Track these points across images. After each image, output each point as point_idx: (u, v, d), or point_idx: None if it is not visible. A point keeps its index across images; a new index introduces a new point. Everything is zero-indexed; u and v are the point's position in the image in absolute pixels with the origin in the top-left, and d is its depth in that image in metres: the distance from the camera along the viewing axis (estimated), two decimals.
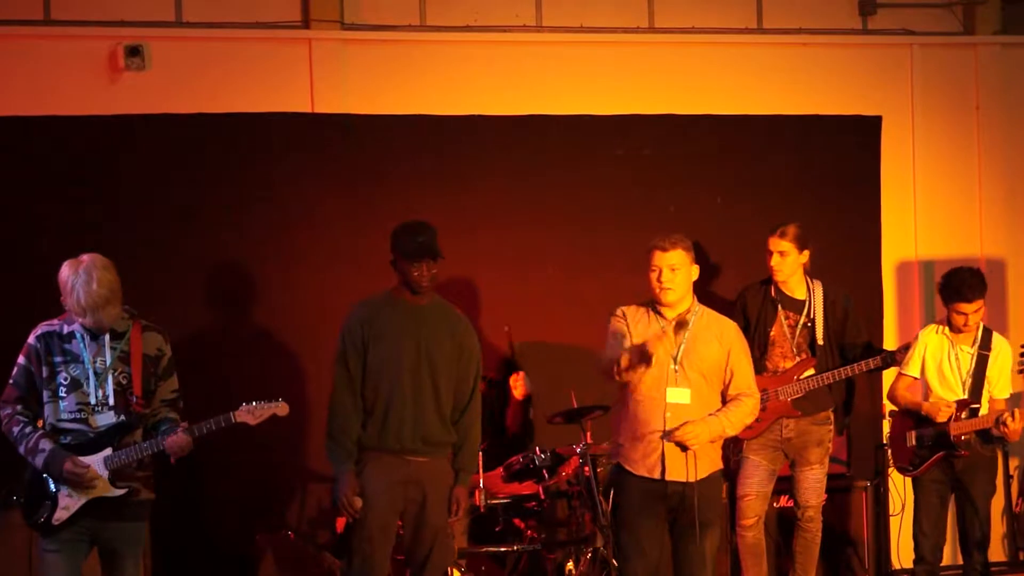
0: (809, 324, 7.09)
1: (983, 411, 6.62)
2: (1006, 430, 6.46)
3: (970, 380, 6.64)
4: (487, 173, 8.00)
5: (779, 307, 7.11)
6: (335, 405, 5.94)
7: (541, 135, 8.08)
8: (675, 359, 5.90)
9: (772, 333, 7.11)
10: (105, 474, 5.42)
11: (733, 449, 7.17)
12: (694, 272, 5.98)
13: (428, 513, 5.94)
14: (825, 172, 8.50)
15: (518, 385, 7.32)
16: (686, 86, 8.33)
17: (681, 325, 5.82)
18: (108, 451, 5.43)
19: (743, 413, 5.99)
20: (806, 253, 7.07)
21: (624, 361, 5.72)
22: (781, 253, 7.02)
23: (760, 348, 7.12)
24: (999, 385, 6.67)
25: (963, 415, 6.59)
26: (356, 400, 5.92)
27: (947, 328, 6.70)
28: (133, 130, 7.50)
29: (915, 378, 6.78)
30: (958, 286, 6.62)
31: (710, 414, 5.89)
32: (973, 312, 6.61)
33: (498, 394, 7.38)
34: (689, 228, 7.97)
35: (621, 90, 8.22)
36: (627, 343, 5.87)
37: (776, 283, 7.11)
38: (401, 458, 5.91)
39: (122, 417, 5.47)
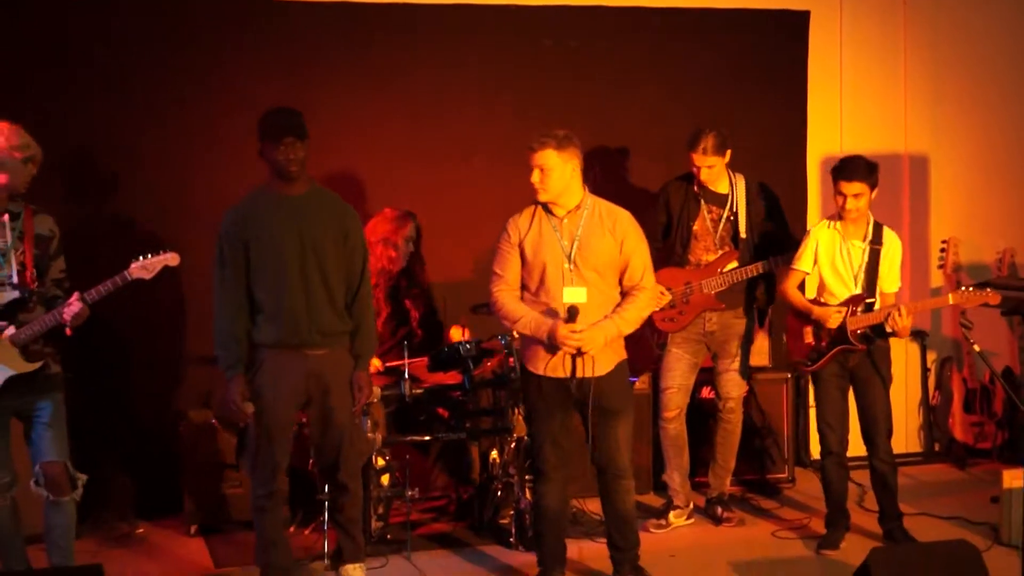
0: (732, 218, 7.12)
1: (877, 305, 6.68)
2: (895, 326, 6.53)
3: (863, 275, 6.67)
4: (417, 63, 7.88)
5: (702, 201, 7.12)
6: (219, 308, 5.88)
7: (472, 25, 7.96)
8: (568, 257, 5.92)
9: (695, 227, 7.12)
10: (16, 350, 5.56)
11: (656, 342, 7.23)
12: (568, 170, 5.93)
13: (332, 405, 5.95)
14: (752, 66, 8.48)
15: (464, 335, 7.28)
16: None
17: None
18: (11, 329, 5.57)
19: (638, 309, 6.02)
20: (728, 153, 7.05)
21: (566, 343, 5.80)
22: (709, 167, 7.00)
23: (683, 242, 7.14)
24: (888, 279, 6.71)
25: (859, 310, 6.65)
26: (239, 302, 5.85)
27: (838, 224, 6.73)
28: (47, 7, 7.28)
29: (806, 272, 6.81)
30: (842, 164, 6.64)
31: (605, 317, 5.93)
32: (853, 195, 6.57)
33: (406, 286, 7.33)
34: (615, 122, 8.10)
35: None
36: (514, 265, 5.96)
37: (699, 181, 7.11)
38: (300, 352, 5.88)
39: (20, 293, 5.59)
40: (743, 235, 7.10)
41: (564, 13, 8.11)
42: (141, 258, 5.68)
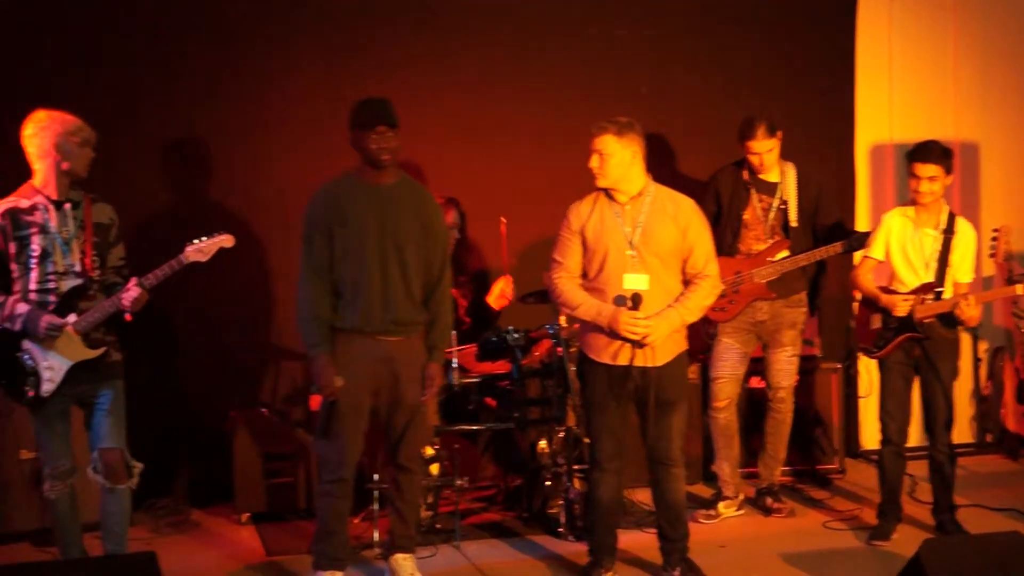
0: (782, 206, 7.08)
1: (946, 294, 6.62)
2: (963, 315, 6.48)
3: (935, 263, 6.62)
4: (464, 48, 7.89)
5: (752, 190, 7.09)
6: (303, 290, 5.89)
7: (513, 14, 7.96)
8: (631, 244, 5.90)
9: (745, 216, 7.09)
10: (79, 337, 5.64)
11: (707, 332, 7.20)
12: (628, 156, 5.92)
13: (402, 391, 5.94)
14: (800, 53, 8.44)
15: (508, 290, 7.27)
16: None
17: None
18: (73, 316, 5.65)
19: (700, 297, 6.02)
20: (779, 134, 7.02)
21: (627, 331, 5.80)
22: (768, 151, 6.98)
23: (733, 231, 7.12)
24: (962, 269, 6.66)
25: (928, 298, 6.60)
26: (324, 284, 5.86)
27: (912, 210, 6.68)
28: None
29: (879, 260, 6.76)
30: (917, 147, 6.59)
31: (668, 306, 5.92)
32: (927, 178, 6.54)
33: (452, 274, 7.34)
34: (662, 109, 8.07)
35: None
36: (575, 252, 5.96)
37: (753, 169, 7.08)
38: (373, 338, 5.89)
39: (81, 281, 5.67)
40: (793, 224, 7.06)
41: (611, 2, 8.08)
42: (196, 241, 5.74)
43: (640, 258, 5.90)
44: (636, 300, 5.78)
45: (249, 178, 7.54)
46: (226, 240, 5.82)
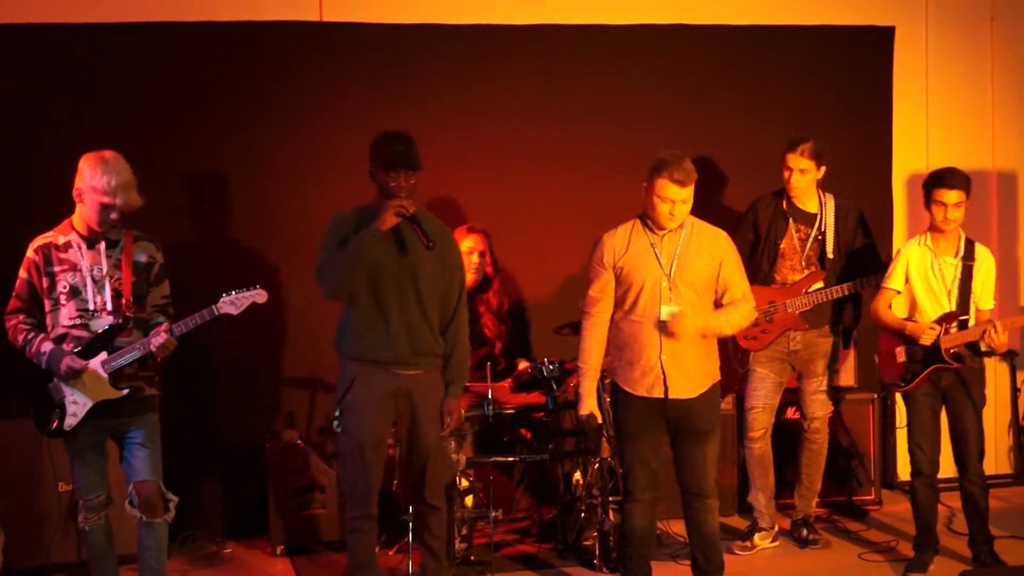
0: (820, 237, 7.07)
1: (971, 323, 6.58)
2: (992, 343, 6.44)
3: (956, 291, 6.58)
4: (494, 82, 7.91)
5: (790, 219, 7.09)
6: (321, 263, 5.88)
7: (551, 45, 7.98)
8: (668, 276, 5.91)
9: (782, 245, 7.09)
10: (105, 377, 5.68)
11: (740, 362, 7.19)
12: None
13: (421, 430, 5.95)
14: (837, 83, 8.42)
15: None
16: None
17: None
18: (104, 355, 5.70)
19: (741, 315, 6.05)
20: (823, 169, 7.03)
21: None
22: (801, 171, 6.98)
23: (770, 260, 7.11)
24: (984, 296, 6.63)
25: (952, 328, 6.56)
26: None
27: (929, 239, 6.64)
28: (136, 38, 7.36)
29: (897, 291, 6.72)
30: (940, 174, 6.54)
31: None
32: (953, 205, 6.49)
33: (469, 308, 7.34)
34: (700, 139, 8.07)
35: (633, 0, 8.12)
36: (609, 286, 5.99)
37: (789, 196, 7.07)
38: (391, 371, 5.89)
39: (116, 321, 5.71)
40: (830, 255, 7.04)
41: (648, 31, 8.10)
42: (233, 293, 5.76)
43: (676, 290, 5.91)
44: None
45: (285, 212, 7.59)
46: (259, 296, 5.82)
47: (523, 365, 7.22)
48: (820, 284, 7.04)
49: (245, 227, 7.59)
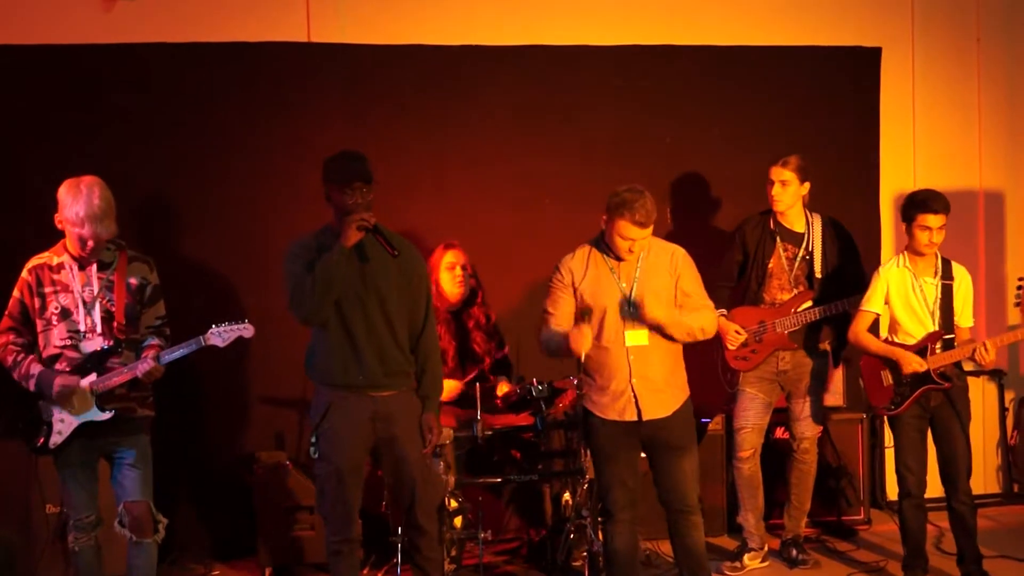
0: (807, 257, 7.08)
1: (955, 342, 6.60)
2: (983, 360, 6.45)
3: (939, 311, 6.60)
4: (483, 104, 7.94)
5: (778, 239, 7.10)
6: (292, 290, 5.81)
7: (537, 66, 8.00)
8: (628, 301, 5.93)
9: (770, 265, 7.10)
10: (92, 399, 5.69)
11: (730, 382, 7.19)
12: None
13: (403, 450, 5.92)
14: (824, 104, 8.44)
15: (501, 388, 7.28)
16: (685, 17, 8.24)
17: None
18: (93, 376, 5.71)
19: (700, 318, 6.02)
20: (806, 185, 7.05)
21: (578, 345, 5.84)
22: (783, 183, 7.00)
23: (758, 280, 7.12)
24: (964, 314, 6.64)
25: (938, 348, 6.56)
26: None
27: (907, 260, 6.65)
28: (126, 60, 7.40)
29: (876, 314, 6.72)
30: (924, 198, 6.55)
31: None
32: (938, 228, 6.52)
33: (458, 325, 7.32)
34: (687, 160, 8.08)
35: (619, 21, 8.14)
36: (566, 305, 6.02)
37: (776, 215, 7.09)
38: (365, 395, 5.86)
39: (106, 343, 5.73)
40: (818, 275, 7.06)
41: (635, 53, 8.12)
42: (223, 325, 5.75)
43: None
44: (584, 313, 5.87)
45: (274, 232, 7.53)
46: (246, 330, 5.80)
47: (504, 388, 7.21)
48: (809, 304, 7.05)
49: (235, 248, 7.59)
